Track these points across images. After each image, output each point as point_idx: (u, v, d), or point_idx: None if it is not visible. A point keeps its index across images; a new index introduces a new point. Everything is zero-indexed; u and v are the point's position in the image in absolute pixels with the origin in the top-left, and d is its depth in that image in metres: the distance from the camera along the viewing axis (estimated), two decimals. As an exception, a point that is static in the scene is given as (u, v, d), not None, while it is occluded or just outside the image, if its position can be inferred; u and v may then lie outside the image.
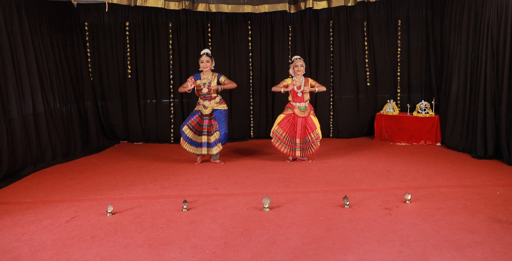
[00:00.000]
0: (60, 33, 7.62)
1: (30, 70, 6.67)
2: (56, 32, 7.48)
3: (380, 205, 4.86)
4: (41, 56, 6.97)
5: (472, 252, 3.69)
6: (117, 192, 5.54)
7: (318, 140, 6.74)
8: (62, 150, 7.24)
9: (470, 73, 7.23)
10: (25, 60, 6.58)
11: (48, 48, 7.16)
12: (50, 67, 7.16)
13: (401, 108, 8.67)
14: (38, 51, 6.89)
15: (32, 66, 6.72)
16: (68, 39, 7.92)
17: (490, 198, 5.03)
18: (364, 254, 3.69)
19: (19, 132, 6.38)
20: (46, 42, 7.15)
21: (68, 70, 7.74)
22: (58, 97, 7.33)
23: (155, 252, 3.81)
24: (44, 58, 7.04)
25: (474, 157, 6.92)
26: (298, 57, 6.75)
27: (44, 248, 3.91)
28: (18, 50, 6.49)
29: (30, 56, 6.70)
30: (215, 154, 6.88)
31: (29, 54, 6.68)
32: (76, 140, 7.70)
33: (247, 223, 4.41)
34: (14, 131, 6.31)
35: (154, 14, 8.42)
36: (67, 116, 7.52)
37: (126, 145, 8.55)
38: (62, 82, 7.49)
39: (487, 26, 6.73)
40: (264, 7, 7.09)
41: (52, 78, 7.21)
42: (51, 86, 7.15)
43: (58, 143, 7.18)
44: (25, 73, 6.55)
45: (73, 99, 7.79)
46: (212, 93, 6.71)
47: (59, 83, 7.40)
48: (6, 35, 6.21)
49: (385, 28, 8.77)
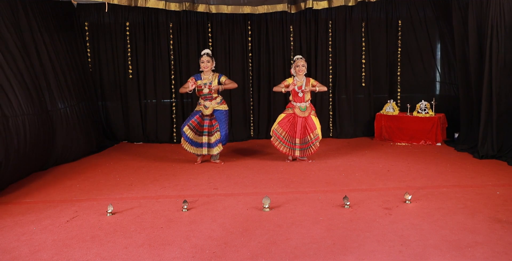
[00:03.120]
0: (64, 33, 7.59)
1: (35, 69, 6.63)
2: (62, 32, 7.45)
3: (380, 205, 4.86)
4: (44, 56, 6.93)
5: (472, 252, 3.69)
6: (117, 192, 5.54)
7: (317, 141, 6.74)
8: (62, 150, 7.22)
9: (475, 74, 7.23)
10: (36, 59, 6.54)
11: (53, 47, 7.12)
12: (56, 68, 7.12)
13: (401, 108, 8.67)
14: (42, 50, 6.84)
15: (38, 66, 6.68)
16: (71, 39, 7.88)
17: (490, 198, 5.03)
18: (364, 254, 3.69)
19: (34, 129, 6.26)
20: (54, 40, 7.11)
21: (74, 70, 7.69)
22: (62, 98, 7.28)
23: (155, 252, 3.81)
24: (47, 58, 7.01)
25: (476, 156, 6.90)
26: (300, 57, 6.75)
27: (44, 248, 3.91)
28: (29, 49, 6.45)
29: (37, 54, 6.63)
30: (215, 154, 6.88)
31: (35, 52, 6.63)
32: (78, 139, 7.67)
33: (247, 223, 4.41)
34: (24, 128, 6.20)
35: (155, 14, 8.42)
36: (71, 116, 7.45)
37: (126, 145, 8.55)
38: (64, 82, 7.45)
39: (491, 25, 6.71)
40: (263, 7, 7.10)
41: (60, 78, 7.15)
42: (58, 87, 7.09)
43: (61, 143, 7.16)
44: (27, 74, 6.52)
45: (75, 100, 7.75)
46: (213, 93, 6.71)
47: (65, 84, 7.34)
48: (14, 33, 6.18)
49: (385, 28, 8.79)
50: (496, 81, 6.75)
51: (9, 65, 5.90)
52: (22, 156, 5.84)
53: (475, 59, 7.17)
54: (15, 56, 6.10)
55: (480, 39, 7.06)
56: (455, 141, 7.97)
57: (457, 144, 7.75)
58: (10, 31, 6.12)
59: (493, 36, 6.71)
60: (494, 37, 6.70)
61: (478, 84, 7.21)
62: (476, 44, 7.14)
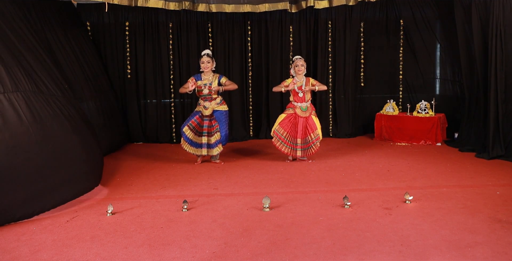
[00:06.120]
0: (70, 32, 7.56)
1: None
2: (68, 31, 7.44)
3: (380, 205, 4.86)
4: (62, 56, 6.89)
5: (472, 252, 3.69)
6: (117, 192, 5.54)
7: (318, 141, 6.74)
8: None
9: (480, 73, 7.23)
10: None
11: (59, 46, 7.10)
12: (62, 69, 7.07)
13: (402, 108, 8.68)
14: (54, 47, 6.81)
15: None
16: (76, 37, 7.85)
17: (490, 198, 5.03)
18: (364, 254, 3.69)
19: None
20: (61, 39, 7.10)
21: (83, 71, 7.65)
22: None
23: (155, 252, 3.81)
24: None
25: (485, 157, 6.85)
26: (299, 57, 6.75)
27: (44, 248, 3.91)
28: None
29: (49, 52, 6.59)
30: (215, 155, 6.88)
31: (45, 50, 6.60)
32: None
33: (247, 223, 4.41)
34: None
35: (155, 14, 8.42)
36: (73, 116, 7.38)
37: (126, 144, 8.55)
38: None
39: (495, 24, 6.71)
40: (264, 6, 7.11)
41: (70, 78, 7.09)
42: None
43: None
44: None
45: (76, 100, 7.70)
46: (213, 94, 6.71)
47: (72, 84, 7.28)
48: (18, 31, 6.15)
49: (385, 28, 8.79)
50: (502, 80, 6.75)
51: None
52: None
53: (481, 58, 7.16)
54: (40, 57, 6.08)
55: (485, 38, 7.04)
56: (455, 141, 7.96)
57: (458, 144, 7.74)
58: (24, 31, 6.09)
59: (497, 35, 6.70)
60: (498, 37, 6.69)
61: (484, 84, 7.20)
62: (481, 43, 7.13)
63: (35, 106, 4.98)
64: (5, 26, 5.50)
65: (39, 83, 5.36)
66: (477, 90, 7.46)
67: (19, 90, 4.92)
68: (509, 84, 6.73)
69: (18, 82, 4.98)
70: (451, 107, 8.52)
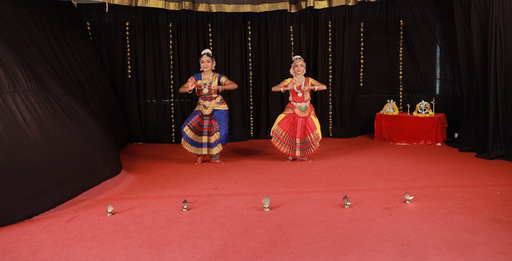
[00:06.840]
0: (70, 32, 7.56)
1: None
2: (68, 31, 7.44)
3: (380, 205, 4.86)
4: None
5: (472, 252, 3.69)
6: (117, 192, 5.54)
7: (317, 141, 6.74)
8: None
9: (480, 73, 7.23)
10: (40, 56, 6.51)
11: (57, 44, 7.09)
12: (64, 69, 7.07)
13: (402, 108, 8.68)
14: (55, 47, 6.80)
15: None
16: (76, 38, 7.85)
17: (490, 198, 5.03)
18: (364, 254, 3.69)
19: None
20: (60, 39, 7.11)
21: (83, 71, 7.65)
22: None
23: (155, 252, 3.81)
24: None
25: (485, 157, 6.85)
26: (299, 57, 6.75)
27: (44, 248, 3.91)
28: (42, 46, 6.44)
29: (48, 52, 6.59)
30: (215, 154, 6.88)
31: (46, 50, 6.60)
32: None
33: (247, 223, 4.41)
34: None
35: (155, 14, 8.42)
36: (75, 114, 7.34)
37: (126, 144, 8.54)
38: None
39: (495, 24, 6.71)
40: (264, 6, 7.10)
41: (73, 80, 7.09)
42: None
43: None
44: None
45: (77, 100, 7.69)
46: (212, 93, 6.71)
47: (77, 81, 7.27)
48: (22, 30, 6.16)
49: (385, 28, 8.79)
50: (502, 80, 6.76)
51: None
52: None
53: (480, 58, 7.17)
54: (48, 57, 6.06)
55: (484, 38, 7.04)
56: (455, 141, 7.96)
57: (458, 144, 7.74)
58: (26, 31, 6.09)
59: (497, 35, 6.71)
60: (498, 37, 6.70)
61: (483, 84, 7.20)
62: (481, 43, 7.13)
63: (34, 106, 4.99)
64: (5, 26, 5.51)
65: (39, 82, 5.37)
66: (476, 90, 7.46)
67: (18, 90, 4.92)
68: (509, 84, 6.73)
69: (17, 82, 4.98)
70: (451, 107, 8.52)
